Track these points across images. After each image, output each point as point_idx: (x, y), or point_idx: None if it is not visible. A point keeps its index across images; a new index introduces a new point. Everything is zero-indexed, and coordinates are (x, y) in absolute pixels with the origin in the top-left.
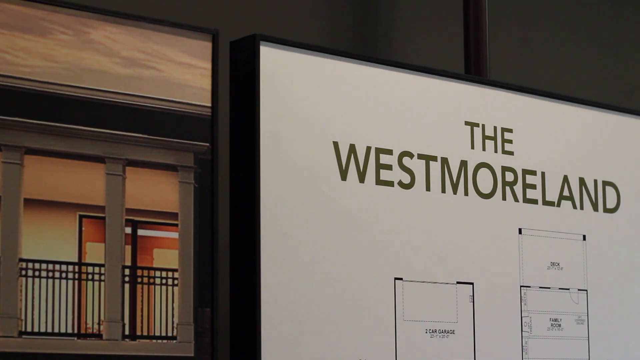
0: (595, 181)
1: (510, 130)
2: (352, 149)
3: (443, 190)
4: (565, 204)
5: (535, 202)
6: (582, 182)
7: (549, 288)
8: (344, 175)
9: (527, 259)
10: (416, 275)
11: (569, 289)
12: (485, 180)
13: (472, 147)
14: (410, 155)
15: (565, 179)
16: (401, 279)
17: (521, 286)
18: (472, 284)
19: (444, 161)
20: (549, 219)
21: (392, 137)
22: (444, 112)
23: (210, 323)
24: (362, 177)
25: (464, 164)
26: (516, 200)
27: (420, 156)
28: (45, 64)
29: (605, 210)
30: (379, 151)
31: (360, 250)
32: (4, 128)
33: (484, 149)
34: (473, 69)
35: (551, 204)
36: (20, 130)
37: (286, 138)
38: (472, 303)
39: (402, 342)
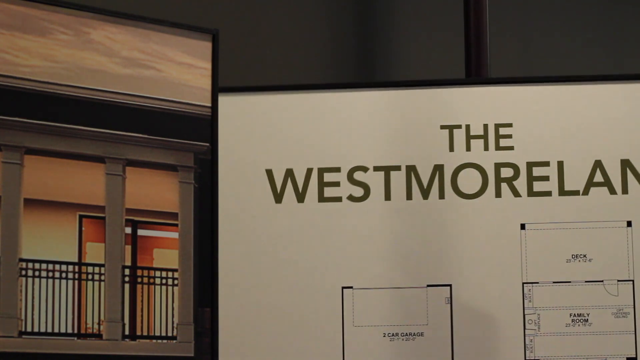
0: None
1: (509, 125)
2: (289, 173)
3: (409, 197)
4: (597, 190)
5: (547, 194)
6: (626, 164)
7: (569, 282)
8: (278, 198)
9: (535, 254)
10: (371, 282)
11: (602, 281)
12: (469, 181)
13: (452, 150)
14: (363, 169)
15: (598, 164)
16: (351, 287)
17: (524, 283)
18: (449, 285)
19: (410, 169)
20: (570, 210)
21: (339, 156)
22: (411, 121)
23: (210, 323)
24: (300, 198)
25: (438, 168)
26: (517, 195)
27: (377, 168)
28: (45, 64)
29: None
30: (323, 170)
31: (302, 264)
32: (4, 128)
33: (468, 150)
34: (474, 70)
35: (574, 193)
36: (20, 130)
37: (232, 172)
38: (449, 305)
39: (351, 347)
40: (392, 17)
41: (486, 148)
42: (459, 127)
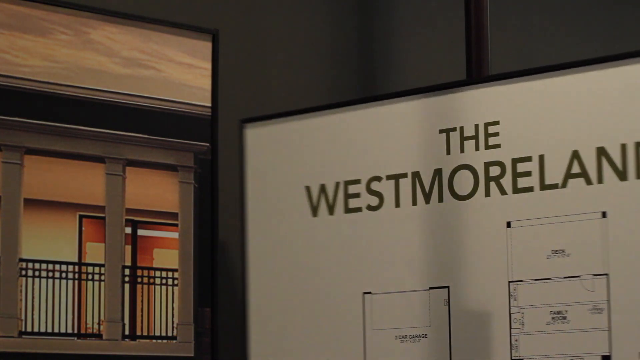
0: (624, 145)
1: (496, 123)
2: (323, 188)
3: (414, 203)
4: (574, 182)
5: (530, 190)
6: (601, 151)
7: (549, 279)
8: (314, 212)
9: (519, 252)
10: (386, 287)
11: (579, 276)
12: (463, 182)
13: (448, 153)
14: (378, 179)
15: (575, 155)
16: (370, 292)
17: (510, 282)
18: (447, 287)
19: (415, 175)
20: (550, 204)
21: (359, 168)
22: (414, 129)
23: (210, 323)
24: (331, 210)
25: (437, 172)
26: (503, 193)
27: (389, 177)
28: (45, 64)
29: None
30: (348, 183)
31: (331, 274)
32: (4, 128)
33: (462, 151)
34: (475, 71)
35: (553, 187)
36: (20, 130)
37: (266, 193)
38: (447, 306)
39: (370, 349)
40: (392, 19)
41: (477, 148)
42: (454, 129)
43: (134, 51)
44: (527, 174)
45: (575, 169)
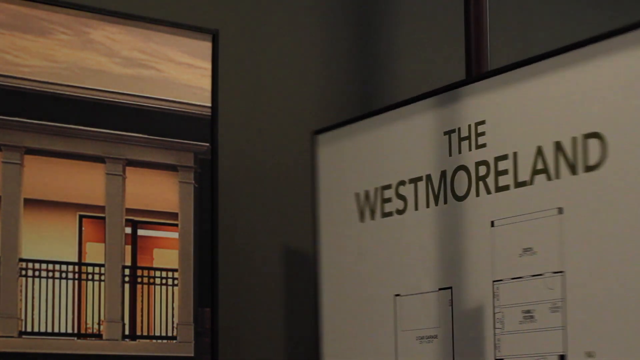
0: (574, 139)
1: (482, 122)
2: (367, 194)
3: (427, 206)
4: (539, 178)
5: (507, 188)
6: (557, 146)
7: (521, 278)
8: (362, 217)
9: (500, 251)
10: (409, 289)
11: (542, 275)
12: (461, 183)
13: (450, 155)
14: (403, 183)
15: (539, 150)
16: (399, 295)
17: (493, 281)
18: (450, 288)
19: (428, 178)
20: (522, 202)
21: (391, 173)
22: (427, 132)
23: (210, 323)
24: (372, 215)
25: (443, 174)
26: (489, 192)
27: (410, 181)
28: (45, 64)
29: (587, 169)
30: (384, 188)
31: (370, 276)
32: (4, 128)
33: (459, 152)
34: (474, 71)
35: (523, 184)
36: (20, 130)
37: (329, 201)
38: (450, 307)
39: (401, 351)
40: (392, 17)
41: (470, 148)
42: (454, 131)
43: (134, 51)
44: (505, 172)
45: (540, 165)
